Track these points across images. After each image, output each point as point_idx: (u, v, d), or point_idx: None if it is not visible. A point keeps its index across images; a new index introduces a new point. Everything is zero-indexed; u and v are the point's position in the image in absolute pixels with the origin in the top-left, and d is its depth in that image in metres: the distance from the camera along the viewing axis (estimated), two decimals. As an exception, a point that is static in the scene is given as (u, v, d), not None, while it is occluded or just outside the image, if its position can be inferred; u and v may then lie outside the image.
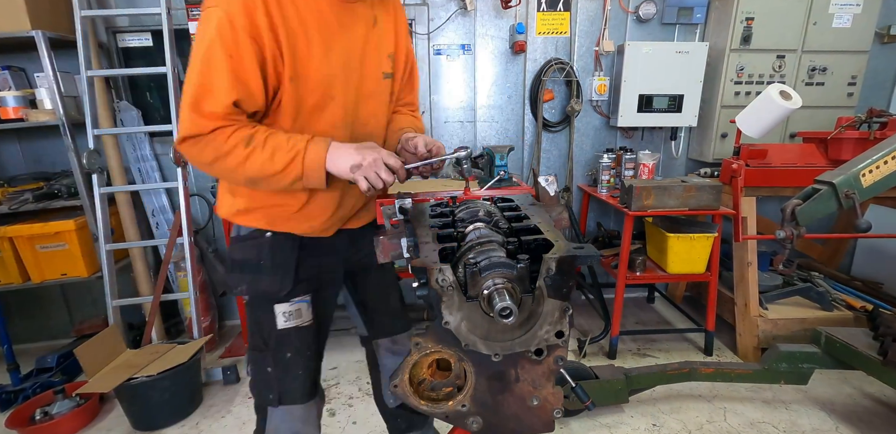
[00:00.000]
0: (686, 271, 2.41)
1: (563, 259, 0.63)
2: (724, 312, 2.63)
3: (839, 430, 1.97)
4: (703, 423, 2.02)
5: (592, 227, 3.13)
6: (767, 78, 2.75)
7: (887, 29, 2.88)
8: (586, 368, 2.00)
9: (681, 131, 3.03)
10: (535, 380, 0.67)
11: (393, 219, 1.04)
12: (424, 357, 0.66)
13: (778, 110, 2.07)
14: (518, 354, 0.66)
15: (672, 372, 2.00)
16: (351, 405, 2.21)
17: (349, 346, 2.78)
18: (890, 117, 2.28)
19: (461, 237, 0.83)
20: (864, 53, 2.75)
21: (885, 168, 1.61)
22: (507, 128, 3.01)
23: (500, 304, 0.57)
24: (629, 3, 2.83)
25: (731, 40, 2.67)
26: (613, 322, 2.51)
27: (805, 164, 2.40)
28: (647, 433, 1.96)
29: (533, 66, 2.90)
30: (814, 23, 2.68)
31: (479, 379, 0.66)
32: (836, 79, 2.77)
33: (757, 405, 2.14)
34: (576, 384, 0.87)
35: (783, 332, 2.42)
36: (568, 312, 0.64)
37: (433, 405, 0.66)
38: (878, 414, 2.07)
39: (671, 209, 2.27)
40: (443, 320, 0.63)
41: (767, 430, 1.97)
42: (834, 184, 1.60)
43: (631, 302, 3.24)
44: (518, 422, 0.68)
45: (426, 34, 2.81)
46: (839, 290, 2.69)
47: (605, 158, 2.74)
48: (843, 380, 2.30)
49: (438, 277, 0.61)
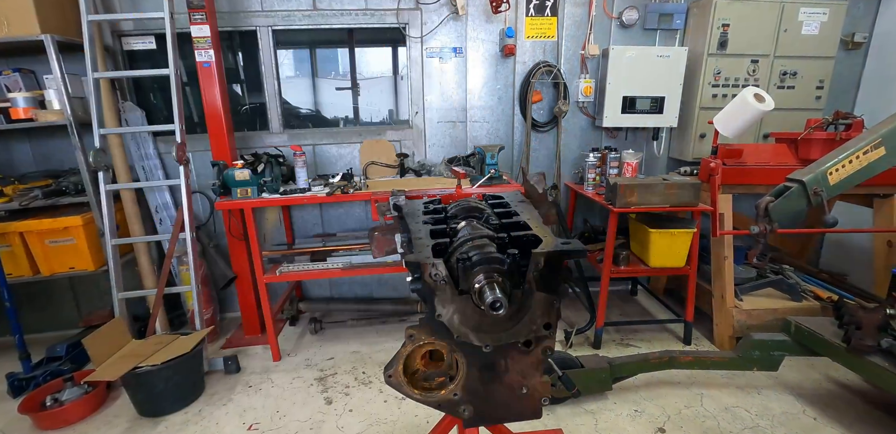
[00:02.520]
0: (667, 265, 2.42)
1: (550, 254, 0.62)
2: (702, 304, 2.65)
3: (806, 412, 2.00)
4: (682, 409, 2.04)
5: (579, 223, 3.14)
6: (743, 81, 2.76)
7: (851, 36, 2.91)
8: (572, 358, 2.00)
9: (662, 131, 3.03)
10: (523, 369, 0.66)
11: (387, 215, 1.03)
12: (418, 348, 0.65)
13: (752, 112, 2.08)
14: (508, 345, 0.65)
15: (653, 361, 2.02)
16: (347, 394, 2.20)
17: (345, 337, 2.78)
18: (854, 119, 2.31)
19: (453, 233, 0.82)
20: (830, 59, 2.78)
21: (849, 167, 1.63)
22: (498, 128, 3.00)
23: (490, 298, 0.56)
24: (613, 9, 2.82)
25: (709, 45, 2.68)
26: (598, 314, 2.52)
27: (777, 163, 2.42)
28: (629, 419, 1.98)
29: (522, 68, 2.89)
30: (784, 30, 2.69)
31: (471, 369, 0.65)
32: (806, 83, 2.80)
33: (731, 391, 2.16)
34: (562, 373, 0.87)
35: (756, 321, 2.44)
36: (556, 305, 0.64)
37: (426, 394, 0.66)
38: (841, 397, 2.10)
39: (653, 206, 2.27)
40: (436, 313, 0.62)
41: (741, 414, 1.99)
42: (804, 182, 1.61)
43: (615, 294, 3.26)
44: (507, 409, 0.68)
45: (419, 37, 2.78)
46: (808, 281, 2.72)
47: (591, 157, 2.74)
48: (810, 366, 2.33)
49: (432, 272, 0.60)
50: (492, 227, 0.83)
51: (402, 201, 0.98)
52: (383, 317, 2.91)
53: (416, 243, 0.74)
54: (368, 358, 2.52)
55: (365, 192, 2.37)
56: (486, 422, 0.69)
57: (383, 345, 2.66)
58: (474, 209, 0.95)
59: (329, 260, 2.51)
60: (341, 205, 3.00)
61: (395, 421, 1.99)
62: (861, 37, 2.92)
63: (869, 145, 1.62)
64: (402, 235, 0.84)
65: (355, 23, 2.75)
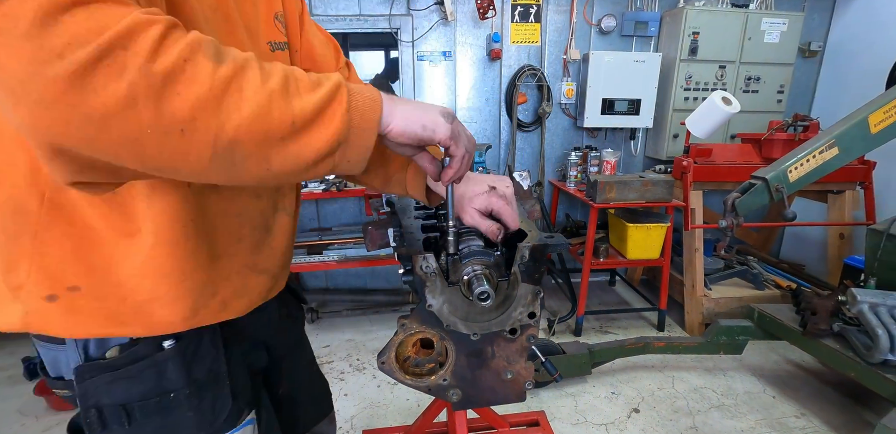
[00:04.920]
0: (643, 257, 2.45)
1: (535, 247, 0.63)
2: (674, 293, 2.69)
3: (766, 391, 2.05)
4: (655, 390, 2.08)
5: (562, 217, 3.16)
6: (712, 85, 2.79)
7: (808, 45, 2.97)
8: (555, 345, 2.02)
9: (639, 132, 3.06)
10: (509, 356, 0.67)
11: (380, 211, 1.02)
12: (409, 337, 0.65)
13: (720, 114, 2.11)
14: (494, 333, 0.65)
15: (629, 346, 2.05)
16: (343, 379, 2.20)
17: (340, 326, 2.76)
18: (811, 121, 2.35)
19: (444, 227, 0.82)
20: (789, 65, 2.82)
21: (807, 165, 1.67)
22: (485, 128, 2.99)
23: (478, 289, 0.56)
24: (593, 17, 2.83)
25: (681, 51, 2.70)
26: (579, 303, 2.54)
27: (743, 162, 2.46)
28: (606, 400, 2.01)
29: (508, 71, 2.88)
30: (749, 38, 2.73)
31: (459, 356, 0.65)
32: (768, 87, 2.84)
33: (700, 373, 2.21)
34: (545, 359, 0.88)
35: (723, 309, 2.49)
36: (539, 295, 0.64)
37: (417, 379, 0.66)
38: (798, 377, 2.17)
39: (631, 202, 2.30)
40: (426, 303, 0.62)
41: (708, 394, 2.04)
42: (766, 179, 1.64)
43: (595, 285, 3.28)
44: (493, 393, 0.68)
45: (410, 42, 2.75)
46: (770, 271, 2.78)
47: (573, 156, 2.76)
48: (770, 349, 2.39)
49: (422, 264, 0.60)
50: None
51: (395, 197, 0.97)
52: (376, 307, 2.91)
53: (408, 237, 0.73)
54: (362, 345, 2.51)
55: (359, 188, 2.35)
56: (474, 405, 0.70)
57: (376, 333, 2.66)
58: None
59: (325, 253, 2.49)
60: (336, 200, 2.97)
61: (387, 404, 1.99)
62: (816, 45, 2.98)
63: (824, 145, 1.66)
64: (395, 230, 0.84)
65: (350, 28, 2.71)
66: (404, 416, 1.90)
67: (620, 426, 1.84)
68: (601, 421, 1.87)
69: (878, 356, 1.55)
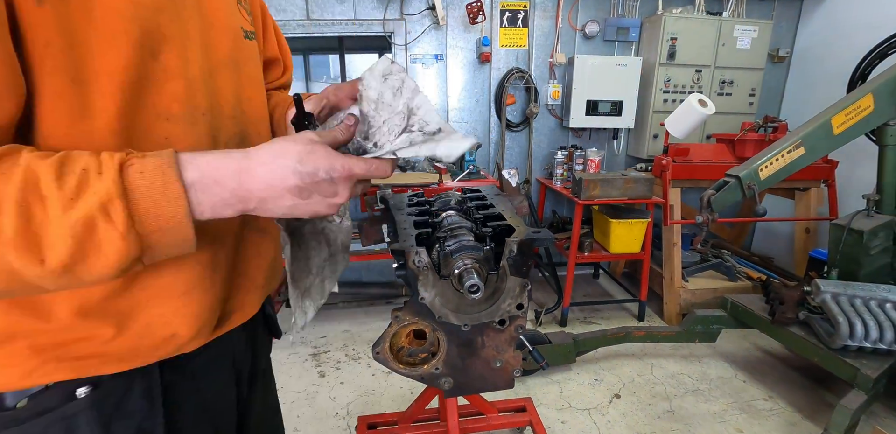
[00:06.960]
0: (625, 251, 2.47)
1: (523, 242, 0.63)
2: (654, 285, 2.72)
3: (738, 376, 2.10)
4: (635, 377, 2.10)
5: (548, 214, 3.17)
6: (689, 88, 2.81)
7: (776, 51, 3.01)
8: (542, 335, 2.04)
9: (621, 132, 3.08)
10: (498, 345, 0.67)
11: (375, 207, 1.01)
12: (403, 328, 0.65)
13: (697, 115, 2.13)
14: (484, 324, 0.65)
15: (611, 336, 2.06)
16: (339, 368, 2.19)
17: (337, 317, 2.75)
18: (780, 123, 2.39)
19: (435, 224, 0.82)
20: (760, 70, 2.86)
21: (776, 164, 1.69)
22: (476, 128, 2.98)
23: (468, 282, 0.56)
24: (577, 22, 2.83)
25: (660, 56, 2.72)
26: (565, 295, 2.56)
27: (718, 161, 2.49)
28: (590, 387, 2.03)
29: (497, 74, 2.88)
30: (723, 44, 2.75)
31: (451, 346, 0.65)
32: (741, 90, 2.87)
33: (677, 360, 2.24)
34: (532, 348, 0.89)
35: (699, 300, 2.53)
36: (527, 288, 0.64)
37: (410, 369, 0.66)
38: (767, 362, 2.21)
39: (613, 198, 2.31)
40: (419, 296, 0.61)
41: (684, 380, 2.08)
42: (739, 177, 1.66)
43: (580, 278, 3.31)
44: (483, 381, 0.68)
45: (403, 45, 2.73)
46: (742, 264, 2.83)
47: (559, 155, 2.77)
48: (742, 337, 2.43)
49: (415, 259, 0.60)
50: (470, 217, 0.83)
51: (389, 194, 0.97)
52: (371, 299, 2.90)
53: (401, 233, 0.73)
54: (358, 336, 2.51)
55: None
56: (465, 392, 0.70)
57: (371, 324, 2.65)
58: (455, 201, 0.95)
59: (321, 249, 2.47)
60: (332, 198, 2.94)
61: (381, 392, 1.99)
62: (784, 51, 3.02)
63: (791, 146, 1.69)
64: (389, 225, 0.83)
65: (345, 31, 2.67)
66: (398, 403, 1.90)
67: (603, 411, 1.87)
68: (584, 406, 1.90)
69: (839, 342, 1.59)
